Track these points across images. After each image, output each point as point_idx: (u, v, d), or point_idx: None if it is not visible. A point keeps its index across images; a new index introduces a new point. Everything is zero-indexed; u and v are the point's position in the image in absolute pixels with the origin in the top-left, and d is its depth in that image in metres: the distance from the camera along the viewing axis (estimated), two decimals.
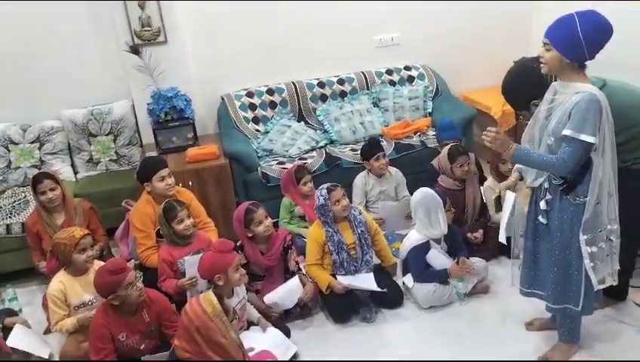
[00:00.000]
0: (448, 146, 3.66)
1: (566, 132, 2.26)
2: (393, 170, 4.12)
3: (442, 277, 3.20)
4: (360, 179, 4.06)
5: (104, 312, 2.72)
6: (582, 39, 2.22)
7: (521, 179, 2.69)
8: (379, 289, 3.15)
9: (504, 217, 2.74)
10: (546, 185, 2.48)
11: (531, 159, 2.40)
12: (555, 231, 2.47)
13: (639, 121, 2.64)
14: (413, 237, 3.28)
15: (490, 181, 3.74)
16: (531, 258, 2.63)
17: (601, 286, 2.48)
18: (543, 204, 2.48)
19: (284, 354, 2.80)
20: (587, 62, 2.35)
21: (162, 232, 3.23)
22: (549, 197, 2.46)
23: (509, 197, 2.70)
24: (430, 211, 3.21)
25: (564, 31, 2.27)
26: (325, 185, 3.27)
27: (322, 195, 3.21)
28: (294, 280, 3.17)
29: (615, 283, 2.51)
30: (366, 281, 3.20)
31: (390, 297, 3.26)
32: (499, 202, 2.74)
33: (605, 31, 2.26)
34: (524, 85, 2.72)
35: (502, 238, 2.78)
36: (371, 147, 4.03)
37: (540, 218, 2.51)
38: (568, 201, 2.40)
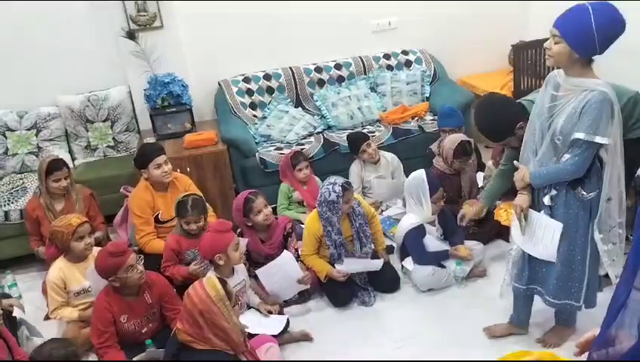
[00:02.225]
0: (459, 141, 3.56)
1: (579, 135, 2.17)
2: (389, 155, 4.12)
3: (443, 257, 3.23)
4: (356, 165, 4.07)
5: (106, 294, 2.74)
6: (595, 32, 2.08)
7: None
8: (375, 267, 3.16)
9: (552, 244, 2.46)
10: None
11: (548, 177, 2.35)
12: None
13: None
14: (407, 221, 3.30)
15: (489, 169, 3.75)
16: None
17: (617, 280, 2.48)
18: (547, 200, 2.41)
19: (276, 328, 2.82)
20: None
21: (178, 220, 3.21)
22: (553, 192, 2.39)
23: (557, 227, 2.42)
24: (412, 195, 3.26)
25: (576, 22, 2.13)
26: (339, 182, 3.12)
27: (336, 191, 3.07)
28: (284, 259, 3.12)
29: (617, 280, 2.49)
30: (361, 262, 3.20)
31: (387, 281, 3.29)
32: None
33: (618, 25, 2.13)
34: (505, 112, 2.61)
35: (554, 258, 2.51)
36: (354, 143, 4.03)
37: (543, 213, 2.45)
38: (575, 196, 2.35)
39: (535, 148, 2.42)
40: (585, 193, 2.32)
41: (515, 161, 2.53)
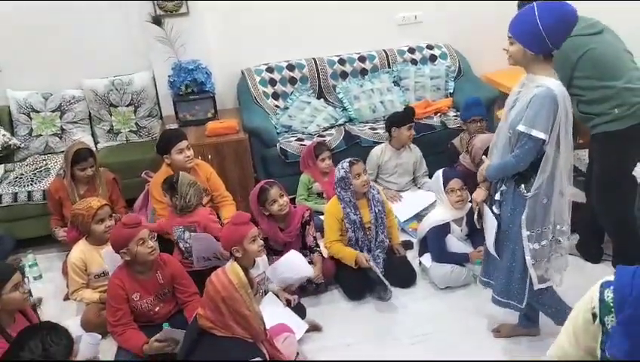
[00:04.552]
0: (489, 143, 3.53)
1: (520, 127, 2.26)
2: (412, 145, 4.13)
3: (462, 260, 3.21)
4: (376, 151, 4.07)
5: (120, 271, 2.79)
6: (542, 30, 2.17)
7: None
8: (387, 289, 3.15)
9: (490, 240, 2.55)
10: None
11: (498, 171, 2.41)
12: (506, 222, 2.45)
13: (608, 77, 2.71)
14: (433, 217, 3.29)
15: None
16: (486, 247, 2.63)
17: (542, 286, 2.47)
18: (497, 195, 2.45)
19: (296, 332, 2.80)
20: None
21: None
22: (503, 188, 2.43)
23: (493, 223, 2.50)
24: (435, 191, 3.32)
25: (524, 24, 2.24)
26: (347, 160, 3.27)
27: (343, 168, 3.21)
28: (290, 258, 3.12)
29: (560, 285, 2.52)
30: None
31: (403, 276, 3.28)
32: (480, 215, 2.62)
33: (567, 18, 2.22)
34: None
35: (493, 252, 2.59)
36: (406, 115, 4.01)
37: (494, 208, 2.49)
38: (521, 194, 2.37)
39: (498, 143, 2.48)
40: (525, 191, 2.34)
41: (483, 156, 2.60)
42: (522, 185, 2.35)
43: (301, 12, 4.62)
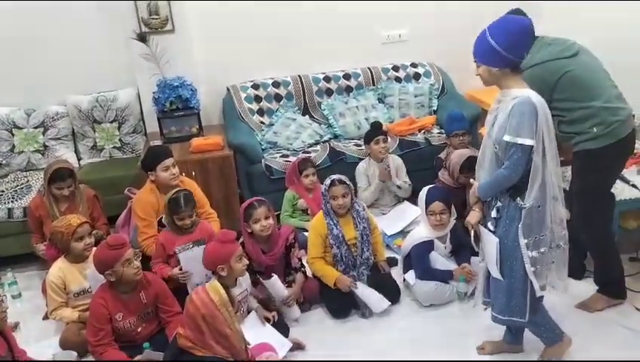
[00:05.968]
0: (466, 156, 3.56)
1: (505, 138, 2.29)
2: (392, 155, 4.17)
3: (446, 277, 3.21)
4: (362, 165, 4.12)
5: (103, 290, 2.74)
6: (497, 47, 2.28)
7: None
8: (379, 307, 3.15)
9: (492, 260, 2.50)
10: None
11: (491, 187, 2.42)
12: (501, 238, 2.44)
13: (587, 98, 2.76)
14: (417, 235, 3.29)
15: None
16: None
17: (544, 293, 2.49)
18: (494, 213, 2.45)
19: (279, 351, 2.78)
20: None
21: (164, 220, 3.24)
22: (499, 204, 2.44)
23: (494, 241, 2.47)
24: (420, 208, 3.34)
25: (481, 46, 2.36)
26: (335, 177, 3.27)
27: (325, 185, 3.24)
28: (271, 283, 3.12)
29: (565, 292, 2.55)
30: (372, 293, 3.17)
31: (387, 293, 3.24)
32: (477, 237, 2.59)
33: (520, 30, 2.32)
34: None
35: (497, 274, 2.54)
36: (373, 130, 4.08)
37: (489, 225, 2.48)
38: (516, 207, 2.38)
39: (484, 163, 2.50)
40: (522, 203, 2.35)
41: (471, 180, 2.60)
42: (518, 198, 2.36)
43: (287, 30, 4.65)
